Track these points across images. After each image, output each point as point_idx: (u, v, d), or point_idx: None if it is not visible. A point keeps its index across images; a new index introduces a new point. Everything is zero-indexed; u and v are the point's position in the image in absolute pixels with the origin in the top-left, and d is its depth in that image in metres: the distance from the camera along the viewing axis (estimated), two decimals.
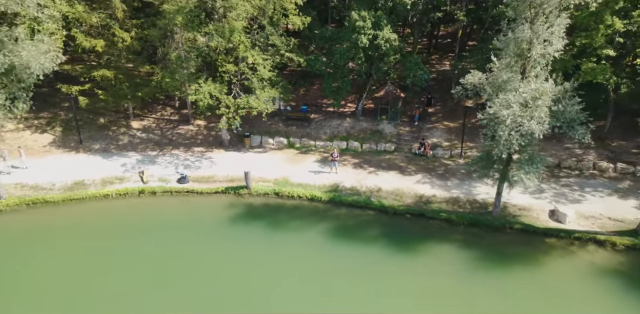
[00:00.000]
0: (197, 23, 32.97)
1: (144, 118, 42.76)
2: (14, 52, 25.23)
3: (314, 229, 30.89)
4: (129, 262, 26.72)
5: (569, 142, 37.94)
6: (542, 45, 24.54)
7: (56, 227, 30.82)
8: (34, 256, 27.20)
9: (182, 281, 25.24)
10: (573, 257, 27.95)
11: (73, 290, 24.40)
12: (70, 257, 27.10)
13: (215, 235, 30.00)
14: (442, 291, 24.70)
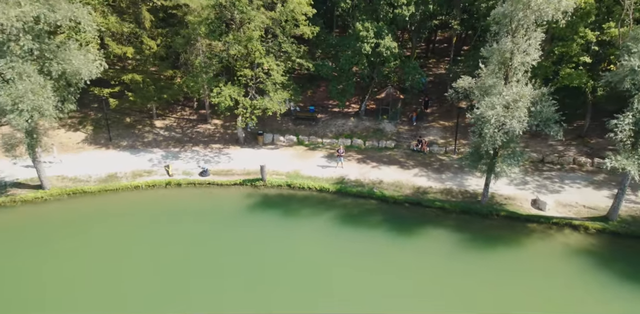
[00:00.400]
0: (218, 33, 36.97)
1: (165, 118, 46.79)
2: (66, 61, 29.22)
3: (323, 216, 34.88)
4: (158, 245, 30.68)
5: (552, 140, 41.85)
6: (522, 54, 28.53)
7: (93, 214, 34.80)
8: (74, 240, 31.18)
9: (206, 260, 29.23)
10: (551, 239, 31.97)
11: (108, 269, 28.36)
12: (105, 241, 31.08)
13: (235, 221, 34.00)
14: (436, 269, 28.68)
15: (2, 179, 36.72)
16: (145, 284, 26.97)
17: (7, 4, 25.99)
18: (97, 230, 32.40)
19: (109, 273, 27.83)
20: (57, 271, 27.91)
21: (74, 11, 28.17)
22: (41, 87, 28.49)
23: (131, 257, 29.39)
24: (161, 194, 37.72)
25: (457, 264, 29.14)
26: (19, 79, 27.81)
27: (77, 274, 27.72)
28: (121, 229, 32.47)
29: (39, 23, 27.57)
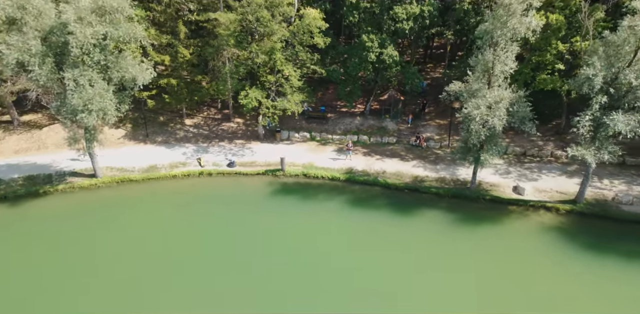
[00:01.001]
0: (245, 44, 43.13)
1: (194, 117, 52.99)
2: (124, 69, 35.38)
3: (335, 200, 41.01)
4: (194, 223, 36.76)
5: (534, 136, 48.05)
6: (501, 64, 34.68)
7: (139, 198, 40.99)
8: (125, 219, 37.34)
9: (235, 236, 35.29)
10: (528, 219, 38.09)
11: (154, 241, 34.51)
12: (150, 220, 37.25)
13: (259, 205, 40.11)
14: (431, 243, 34.73)
15: (62, 170, 42.93)
16: (183, 252, 33.10)
17: (84, 25, 32.12)
18: (143, 211, 38.62)
19: (155, 244, 33.98)
20: (111, 244, 34.03)
21: (132, 29, 34.33)
22: (105, 91, 34.66)
23: (172, 232, 35.47)
24: (195, 182, 43.90)
25: (449, 239, 35.24)
26: (89, 85, 33.96)
27: (127, 246, 33.83)
28: (163, 211, 38.65)
29: (106, 39, 33.71)
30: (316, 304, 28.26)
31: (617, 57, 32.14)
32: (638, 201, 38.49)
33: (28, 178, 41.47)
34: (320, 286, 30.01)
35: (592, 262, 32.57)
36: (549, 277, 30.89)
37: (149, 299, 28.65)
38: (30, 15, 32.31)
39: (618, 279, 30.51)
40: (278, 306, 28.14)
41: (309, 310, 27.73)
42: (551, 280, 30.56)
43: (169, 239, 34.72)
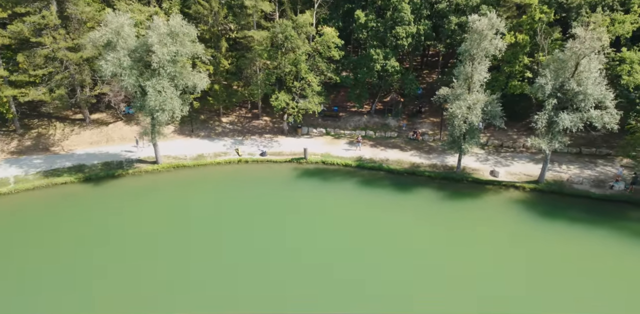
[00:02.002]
0: (275, 56, 53.81)
1: (228, 115, 63.70)
2: (187, 78, 46.06)
3: (348, 182, 51.59)
4: (235, 199, 47.18)
5: (511, 131, 58.64)
6: (478, 74, 45.29)
7: (192, 180, 51.60)
8: (181, 195, 47.91)
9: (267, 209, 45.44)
10: (500, 195, 48.66)
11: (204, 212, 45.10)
12: (201, 196, 47.79)
13: (287, 185, 50.69)
14: (424, 214, 45.16)
15: (129, 157, 53.66)
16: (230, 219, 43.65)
17: (162, 45, 42.79)
18: (195, 190, 49.32)
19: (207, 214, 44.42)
20: (173, 214, 44.58)
21: (195, 47, 45.05)
22: (174, 95, 45.36)
23: (220, 205, 46.01)
24: (235, 168, 54.59)
25: (439, 210, 45.82)
26: (163, 91, 44.66)
27: (185, 215, 44.38)
28: (211, 189, 49.39)
29: (176, 55, 44.41)
30: (333, 258, 38.88)
31: (563, 70, 42.77)
32: (586, 181, 49.15)
33: (105, 164, 52.21)
34: (337, 244, 40.65)
35: (547, 225, 43.11)
36: (514, 236, 41.49)
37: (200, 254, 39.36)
38: (122, 38, 42.99)
39: (564, 237, 40.97)
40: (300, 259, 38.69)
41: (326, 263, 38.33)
42: (515, 238, 41.14)
43: (217, 210, 45.32)
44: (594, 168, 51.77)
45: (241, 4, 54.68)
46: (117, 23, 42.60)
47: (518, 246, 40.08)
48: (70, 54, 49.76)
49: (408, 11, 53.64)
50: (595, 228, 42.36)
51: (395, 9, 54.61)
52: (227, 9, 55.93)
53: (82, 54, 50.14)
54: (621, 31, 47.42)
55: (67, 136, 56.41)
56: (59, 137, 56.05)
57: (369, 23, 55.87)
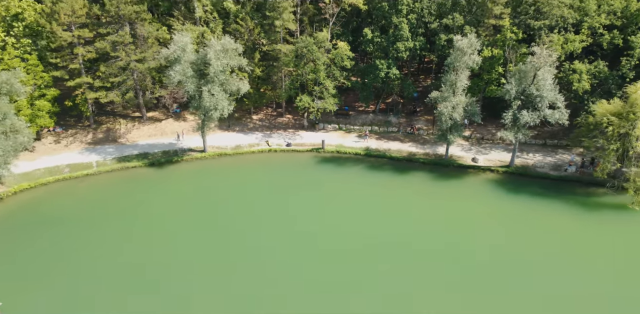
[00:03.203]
0: (299, 65, 66.84)
1: (257, 113, 76.76)
2: (233, 84, 59.07)
3: (357, 167, 64.59)
4: (267, 180, 60.24)
5: (490, 126, 71.59)
6: (460, 81, 58.24)
7: (232, 165, 64.61)
8: (225, 178, 60.86)
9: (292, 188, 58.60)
10: (479, 176, 61.68)
11: (241, 190, 58.20)
12: (239, 178, 60.77)
13: (308, 169, 63.66)
14: (418, 191, 58.23)
15: (182, 147, 66.66)
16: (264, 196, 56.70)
17: (216, 59, 55.78)
18: (235, 173, 62.30)
19: (244, 189, 57.52)
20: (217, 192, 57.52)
21: (241, 60, 58.13)
22: (224, 98, 58.40)
23: (255, 183, 59.00)
24: (266, 156, 67.59)
25: (430, 187, 58.93)
26: (216, 94, 57.68)
27: (228, 193, 57.28)
28: (247, 172, 62.41)
29: (227, 66, 57.44)
30: (347, 220, 51.90)
31: (525, 78, 55.77)
32: (547, 166, 62.17)
33: (163, 152, 65.29)
34: (350, 212, 53.64)
35: (514, 199, 56.11)
36: (489, 207, 54.45)
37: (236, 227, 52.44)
38: (186, 53, 56.07)
39: (528, 207, 53.87)
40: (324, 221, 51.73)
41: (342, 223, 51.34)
42: (490, 208, 54.05)
43: (254, 187, 58.32)
44: (554, 156, 64.85)
45: (271, 23, 67.64)
46: (182, 42, 55.71)
47: (492, 214, 53.09)
48: (139, 65, 62.82)
49: (406, 29, 66.67)
50: (551, 201, 55.38)
51: (396, 27, 67.66)
52: (259, 27, 68.94)
53: (147, 65, 63.17)
54: (572, 48, 60.42)
55: (130, 130, 69.49)
56: (124, 131, 69.14)
57: (375, 38, 68.87)
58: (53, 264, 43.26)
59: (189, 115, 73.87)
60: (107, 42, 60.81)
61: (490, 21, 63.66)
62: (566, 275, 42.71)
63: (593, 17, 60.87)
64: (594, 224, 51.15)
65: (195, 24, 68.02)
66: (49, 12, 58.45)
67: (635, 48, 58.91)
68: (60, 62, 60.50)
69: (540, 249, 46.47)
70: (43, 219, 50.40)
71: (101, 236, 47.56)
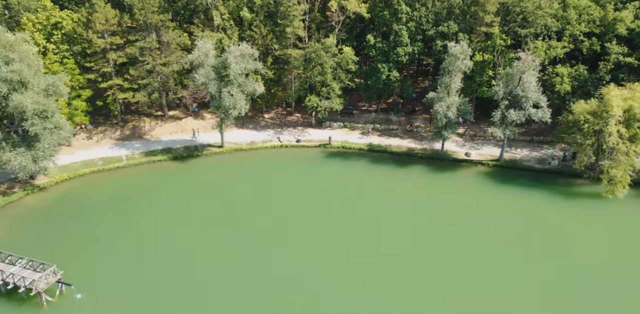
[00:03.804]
0: (308, 69, 73.47)
1: (269, 112, 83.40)
2: (249, 86, 65.74)
3: (361, 160, 71.24)
4: (278, 172, 66.89)
5: (483, 124, 78.18)
6: (454, 83, 64.84)
7: (247, 159, 71.26)
8: (240, 170, 67.54)
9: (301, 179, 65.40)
10: (471, 169, 68.31)
11: (257, 180, 64.92)
12: (254, 170, 67.41)
13: (316, 162, 70.29)
14: (416, 182, 64.86)
15: (202, 143, 73.33)
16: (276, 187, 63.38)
17: (236, 63, 62.40)
18: (250, 166, 68.90)
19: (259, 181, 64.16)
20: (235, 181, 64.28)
21: (257, 64, 64.80)
22: (242, 98, 65.07)
23: (268, 176, 65.62)
24: (278, 151, 74.24)
25: (427, 179, 65.53)
26: (235, 94, 64.34)
27: (244, 182, 64.06)
28: (262, 165, 69.03)
29: (245, 70, 64.08)
30: (353, 207, 58.56)
31: (512, 81, 62.34)
32: (533, 160, 68.80)
33: (185, 147, 71.95)
34: (354, 200, 60.26)
35: (503, 188, 62.69)
36: (480, 196, 61.09)
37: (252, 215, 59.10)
38: (208, 58, 62.73)
39: (515, 196, 60.45)
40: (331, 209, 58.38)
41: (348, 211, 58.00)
42: (481, 197, 60.63)
43: (268, 178, 64.94)
44: (539, 151, 71.50)
45: (282, 30, 74.30)
46: (205, 48, 62.39)
47: (482, 202, 59.61)
48: (163, 68, 69.52)
49: (406, 36, 73.31)
50: (536, 191, 61.88)
51: (396, 34, 74.29)
52: (271, 33, 75.57)
53: (171, 68, 69.88)
54: (555, 53, 67.02)
55: (154, 128, 76.19)
56: (148, 128, 75.84)
57: (377, 44, 75.48)
58: (95, 242, 49.81)
59: (207, 114, 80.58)
60: (135, 48, 67.49)
61: (482, 29, 70.25)
62: (547, 254, 48.97)
63: (574, 26, 67.47)
64: (573, 211, 57.58)
65: (214, 30, 74.66)
66: (85, 22, 65.14)
67: (611, 54, 65.56)
68: (94, 66, 67.18)
69: (525, 232, 52.92)
70: (83, 205, 57.02)
71: (133, 220, 54.10)
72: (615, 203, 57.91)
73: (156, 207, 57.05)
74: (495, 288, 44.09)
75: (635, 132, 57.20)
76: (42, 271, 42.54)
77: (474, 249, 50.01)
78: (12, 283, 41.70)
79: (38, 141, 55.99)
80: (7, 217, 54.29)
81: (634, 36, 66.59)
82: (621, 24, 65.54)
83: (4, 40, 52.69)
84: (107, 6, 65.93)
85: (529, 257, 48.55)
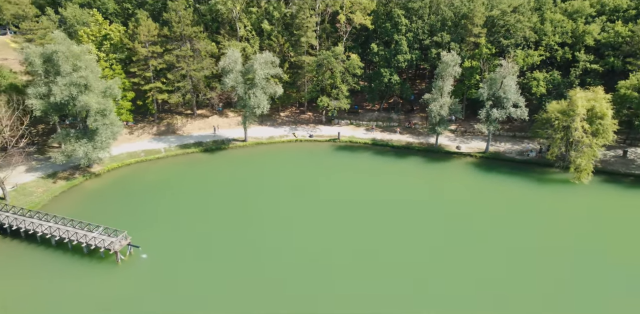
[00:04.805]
0: (320, 73, 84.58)
1: (284, 111, 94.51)
2: (271, 88, 76.83)
3: (366, 153, 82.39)
4: (294, 162, 78.15)
5: (472, 122, 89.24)
6: (446, 86, 75.92)
7: (267, 151, 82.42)
8: (262, 161, 78.68)
9: (314, 168, 76.67)
10: (461, 160, 79.47)
11: (276, 170, 76.10)
12: (272, 161, 78.61)
13: (327, 154, 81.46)
14: (413, 171, 76.04)
15: (228, 137, 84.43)
16: (292, 174, 74.52)
17: (260, 69, 73.45)
18: (270, 156, 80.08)
19: (278, 169, 75.36)
20: (256, 171, 75.46)
21: (278, 70, 75.92)
22: (264, 98, 76.18)
23: (286, 165, 76.80)
24: (294, 144, 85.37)
25: (422, 168, 76.70)
26: (259, 95, 75.41)
27: (263, 172, 75.26)
28: (279, 156, 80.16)
29: (267, 74, 75.15)
30: (358, 193, 69.66)
31: (495, 84, 73.36)
32: (514, 152, 79.92)
33: (213, 141, 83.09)
34: (360, 186, 71.38)
35: (488, 176, 73.85)
36: (468, 182, 72.28)
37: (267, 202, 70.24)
38: (237, 65, 73.82)
39: (498, 182, 71.66)
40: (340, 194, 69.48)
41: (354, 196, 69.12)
42: (469, 183, 71.85)
43: (285, 167, 76.11)
44: (520, 144, 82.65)
45: (297, 39, 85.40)
46: (234, 56, 73.52)
47: (470, 187, 70.79)
48: (196, 73, 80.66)
49: (405, 45, 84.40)
50: (516, 178, 72.97)
51: (396, 43, 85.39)
52: (288, 42, 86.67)
53: (202, 73, 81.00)
54: (532, 61, 78.13)
55: (185, 124, 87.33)
56: (180, 125, 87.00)
57: (379, 51, 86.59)
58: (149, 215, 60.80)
59: (230, 112, 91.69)
60: (172, 56, 78.62)
61: (471, 39, 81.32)
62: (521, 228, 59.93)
63: (550, 37, 78.58)
64: (546, 194, 68.61)
65: (238, 40, 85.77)
66: (131, 33, 76.24)
67: (580, 61, 76.66)
68: (138, 71, 78.29)
69: (505, 211, 63.85)
70: (133, 188, 68.13)
71: (177, 199, 65.11)
72: (581, 188, 69.07)
73: (195, 189, 68.16)
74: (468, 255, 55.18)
75: (597, 128, 68.21)
76: (115, 237, 53.67)
77: (461, 224, 61.02)
78: (94, 245, 52.85)
79: (97, 134, 67.05)
80: (74, 198, 65.47)
81: (599, 46, 77.74)
82: (589, 36, 76.69)
83: (73, 51, 63.74)
84: (149, 20, 77.04)
85: (505, 230, 59.60)
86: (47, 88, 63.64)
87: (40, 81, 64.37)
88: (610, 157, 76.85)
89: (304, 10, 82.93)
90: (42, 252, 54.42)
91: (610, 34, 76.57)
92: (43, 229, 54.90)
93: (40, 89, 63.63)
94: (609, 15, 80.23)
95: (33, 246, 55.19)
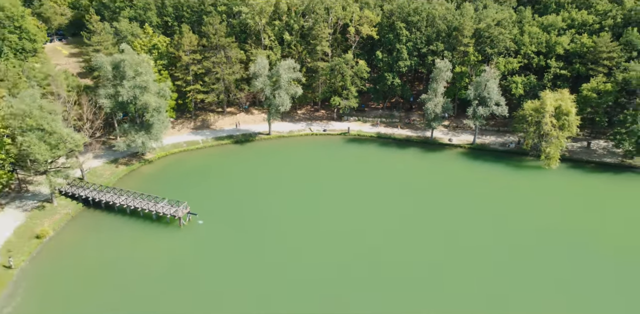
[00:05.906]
0: (332, 77, 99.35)
1: (301, 109, 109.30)
2: (292, 89, 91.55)
3: (372, 144, 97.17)
4: (311, 153, 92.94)
5: (463, 118, 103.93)
6: (440, 87, 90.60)
7: (288, 144, 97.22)
8: (284, 153, 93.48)
9: (328, 157, 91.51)
10: (452, 150, 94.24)
11: (298, 161, 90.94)
12: (294, 152, 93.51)
13: (339, 146, 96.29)
14: (412, 159, 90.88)
15: (254, 131, 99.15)
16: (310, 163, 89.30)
17: (284, 73, 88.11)
18: (291, 147, 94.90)
19: (297, 157, 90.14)
20: (278, 161, 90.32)
21: (299, 75, 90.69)
22: (287, 98, 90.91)
23: (304, 154, 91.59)
24: (310, 137, 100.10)
25: (420, 157, 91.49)
26: (283, 96, 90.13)
27: (285, 162, 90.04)
28: (299, 147, 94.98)
29: (290, 78, 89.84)
30: (365, 178, 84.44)
31: (480, 86, 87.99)
32: (497, 144, 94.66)
33: (243, 135, 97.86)
34: (367, 172, 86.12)
35: (475, 164, 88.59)
36: (458, 169, 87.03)
37: None
38: (265, 70, 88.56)
39: (483, 169, 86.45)
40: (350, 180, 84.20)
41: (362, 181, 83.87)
42: (459, 170, 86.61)
43: (304, 156, 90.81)
44: (503, 137, 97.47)
45: (313, 47, 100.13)
46: (263, 63, 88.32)
47: (460, 173, 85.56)
48: (229, 77, 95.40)
49: (405, 53, 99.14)
50: (498, 165, 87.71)
51: (398, 51, 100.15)
52: (305, 50, 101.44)
53: (234, 77, 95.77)
54: (511, 67, 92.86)
55: (217, 120, 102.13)
56: (213, 121, 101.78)
57: (383, 58, 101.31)
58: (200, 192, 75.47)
59: (255, 110, 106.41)
60: (209, 62, 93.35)
61: (461, 48, 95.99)
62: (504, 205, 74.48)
63: (527, 47, 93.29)
64: (522, 177, 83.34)
65: (262, 48, 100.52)
66: (176, 43, 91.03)
67: (552, 67, 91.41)
68: (180, 75, 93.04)
69: (487, 192, 78.45)
70: (182, 171, 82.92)
71: (219, 179, 79.92)
72: (550, 172, 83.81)
73: (232, 171, 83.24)
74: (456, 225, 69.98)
75: (563, 123, 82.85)
76: (177, 206, 68.41)
77: (452, 201, 75.78)
78: (162, 213, 67.63)
79: (152, 128, 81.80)
80: (136, 179, 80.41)
81: (568, 55, 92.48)
82: (560, 46, 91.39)
83: (135, 60, 78.51)
84: (190, 32, 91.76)
85: (489, 206, 74.28)
86: (114, 89, 78.43)
87: (109, 84, 79.15)
88: (576, 148, 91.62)
89: (319, 23, 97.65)
90: (120, 219, 69.29)
91: (578, 44, 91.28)
92: (120, 201, 69.75)
93: (109, 91, 78.43)
94: (577, 29, 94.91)
95: (112, 214, 70.04)
